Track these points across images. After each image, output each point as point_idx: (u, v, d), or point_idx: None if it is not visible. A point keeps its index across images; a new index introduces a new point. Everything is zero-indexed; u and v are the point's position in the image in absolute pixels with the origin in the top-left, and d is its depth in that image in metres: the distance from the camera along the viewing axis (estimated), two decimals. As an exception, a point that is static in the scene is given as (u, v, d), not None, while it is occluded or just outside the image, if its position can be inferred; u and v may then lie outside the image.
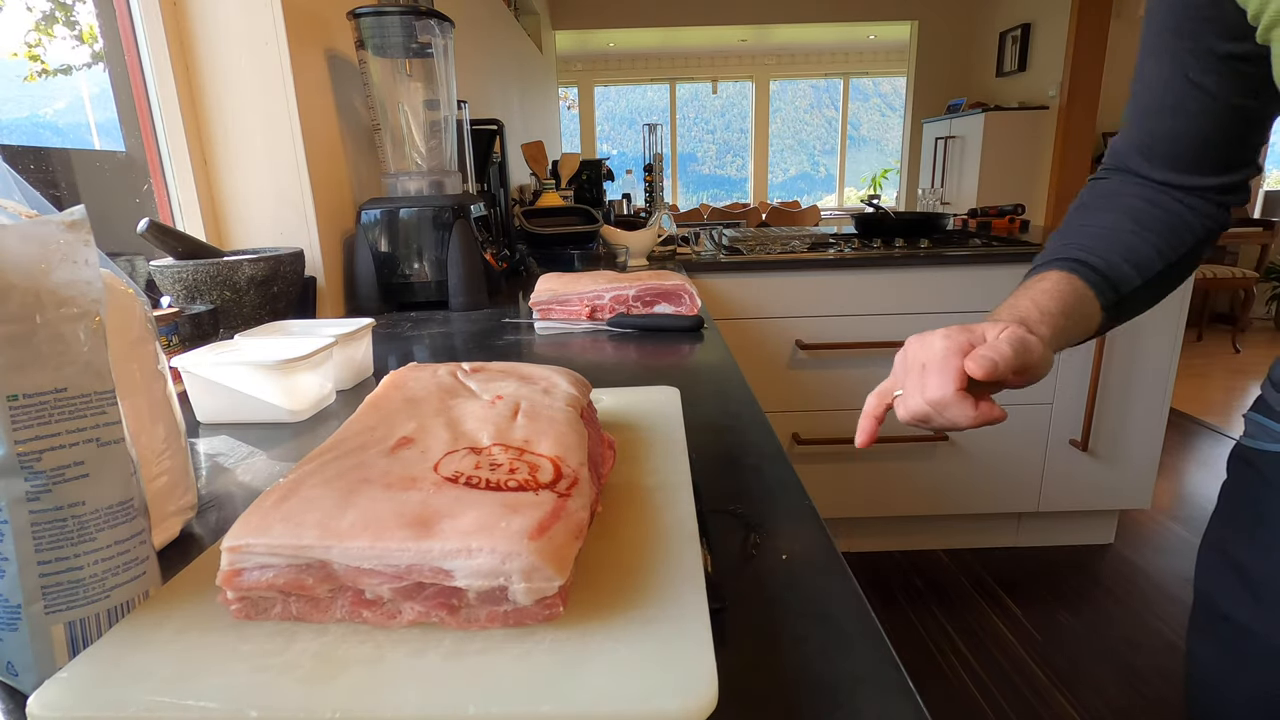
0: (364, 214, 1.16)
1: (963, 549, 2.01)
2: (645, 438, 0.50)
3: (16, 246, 0.30)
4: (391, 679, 0.27)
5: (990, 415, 0.45)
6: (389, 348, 0.95)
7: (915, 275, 1.73)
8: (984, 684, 1.50)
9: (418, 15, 1.15)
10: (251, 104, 1.05)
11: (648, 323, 1.00)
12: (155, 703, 0.26)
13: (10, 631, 0.30)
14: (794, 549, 0.40)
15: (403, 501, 0.32)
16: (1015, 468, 1.87)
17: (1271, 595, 0.51)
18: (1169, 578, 1.86)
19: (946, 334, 0.46)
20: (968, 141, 4.57)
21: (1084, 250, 0.54)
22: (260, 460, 0.58)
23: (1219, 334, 4.34)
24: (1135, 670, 1.53)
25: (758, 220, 6.20)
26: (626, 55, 8.21)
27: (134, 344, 0.40)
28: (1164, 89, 0.52)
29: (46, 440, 0.30)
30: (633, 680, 0.26)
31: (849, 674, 0.31)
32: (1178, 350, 1.78)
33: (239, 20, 1.01)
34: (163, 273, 0.88)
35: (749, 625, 0.34)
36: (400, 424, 0.40)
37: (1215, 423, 2.96)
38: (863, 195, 8.48)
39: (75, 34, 0.97)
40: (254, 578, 0.30)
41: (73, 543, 0.31)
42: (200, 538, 0.45)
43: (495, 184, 1.84)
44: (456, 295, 1.19)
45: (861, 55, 8.36)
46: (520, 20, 3.57)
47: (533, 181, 2.54)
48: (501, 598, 0.29)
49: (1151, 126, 0.55)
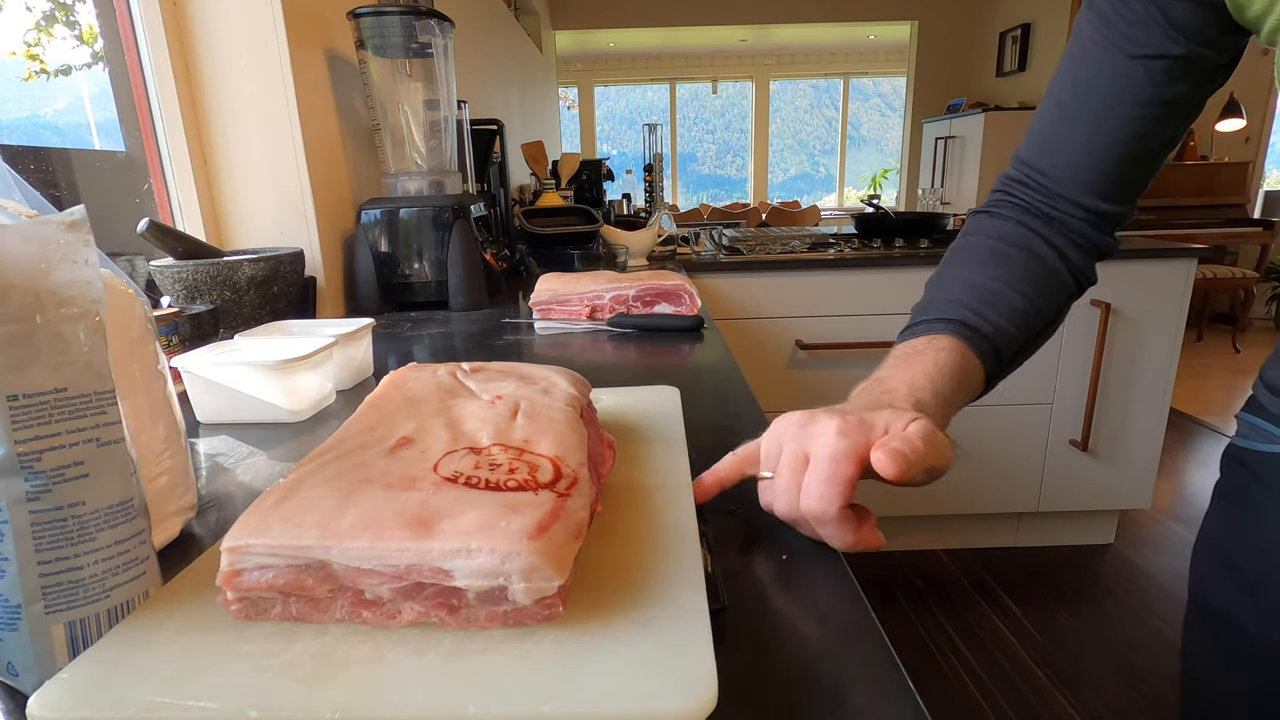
0: (364, 214, 1.16)
1: (963, 549, 2.01)
2: (645, 438, 0.50)
3: (16, 246, 0.30)
4: (391, 679, 0.27)
5: (870, 542, 0.38)
6: (389, 348, 0.95)
7: (915, 275, 1.73)
8: (984, 684, 1.50)
9: (418, 15, 1.15)
10: (251, 104, 1.05)
11: (648, 323, 1.00)
12: (155, 703, 0.26)
13: (10, 631, 0.30)
14: (794, 549, 0.40)
15: (403, 501, 0.32)
16: (1015, 468, 1.87)
17: (1265, 593, 0.51)
18: (1169, 578, 1.86)
19: (842, 429, 0.38)
20: (968, 141, 4.57)
21: (978, 316, 0.50)
22: (260, 460, 0.58)
23: (1219, 334, 4.34)
24: (1135, 670, 1.53)
25: (758, 220, 6.20)
26: (626, 55, 8.22)
27: (134, 344, 0.40)
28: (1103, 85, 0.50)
29: (46, 440, 0.30)
30: (633, 680, 0.26)
31: (849, 674, 0.30)
32: (1178, 350, 1.78)
33: (239, 20, 1.01)
34: (163, 273, 0.88)
35: (749, 625, 0.34)
36: (400, 424, 0.40)
37: (1215, 423, 2.96)
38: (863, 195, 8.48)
39: (75, 34, 0.97)
40: (254, 578, 0.30)
41: (73, 543, 0.31)
42: (200, 538, 0.45)
43: (495, 184, 1.84)
44: (456, 295, 1.19)
45: (861, 55, 8.36)
46: (520, 20, 3.57)
47: (533, 181, 2.54)
48: (501, 598, 0.29)
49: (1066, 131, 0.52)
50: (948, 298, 0.52)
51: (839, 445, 0.37)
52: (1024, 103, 4.52)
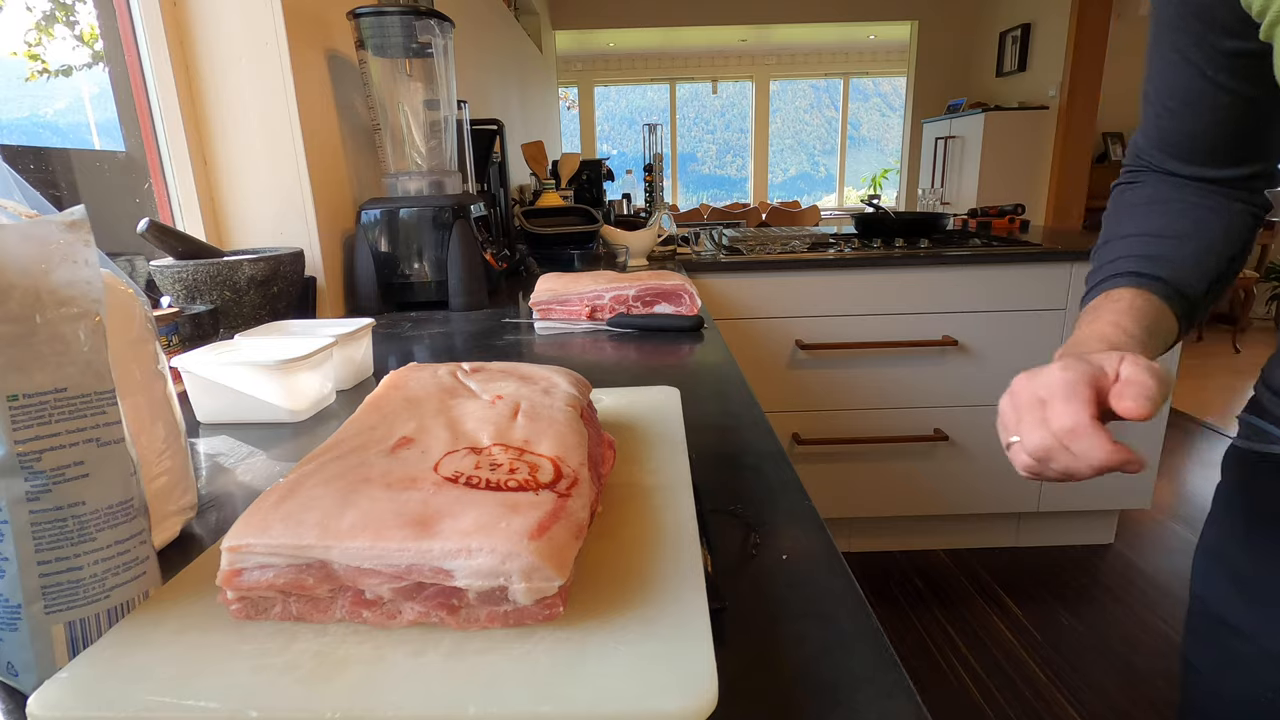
0: (364, 214, 1.16)
1: (963, 549, 2.01)
2: (645, 438, 0.50)
3: (16, 246, 0.30)
4: (391, 679, 0.27)
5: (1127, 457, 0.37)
6: (389, 348, 0.95)
7: (915, 275, 1.73)
8: (984, 684, 1.50)
9: (418, 15, 1.15)
10: (251, 104, 1.05)
11: (648, 323, 1.00)
12: (155, 703, 0.26)
13: (10, 631, 0.30)
14: (794, 549, 0.40)
15: (403, 501, 0.32)
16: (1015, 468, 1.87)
17: (1266, 598, 0.51)
18: (1169, 578, 1.86)
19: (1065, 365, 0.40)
20: (968, 141, 4.57)
21: (1148, 261, 0.51)
22: (260, 460, 0.58)
23: (1219, 334, 4.34)
24: (1135, 670, 1.53)
25: (758, 220, 6.20)
26: (626, 55, 8.21)
27: (134, 344, 0.40)
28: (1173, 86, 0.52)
29: (46, 440, 0.30)
30: (633, 680, 0.26)
31: (849, 674, 0.30)
32: (1178, 350, 1.78)
33: (239, 20, 1.01)
34: (163, 273, 0.88)
35: (749, 625, 0.34)
36: (400, 424, 0.40)
37: (1215, 423, 2.96)
38: (863, 195, 8.48)
39: (75, 34, 0.97)
40: (254, 578, 0.30)
41: (73, 543, 0.31)
42: (200, 538, 0.45)
43: (495, 184, 1.84)
44: (456, 295, 1.19)
45: (861, 55, 8.36)
46: (520, 20, 3.57)
47: (533, 181, 2.54)
48: (501, 598, 0.29)
49: (1166, 124, 0.54)
50: (1113, 256, 0.54)
51: (1068, 375, 0.39)
52: (1024, 103, 4.52)
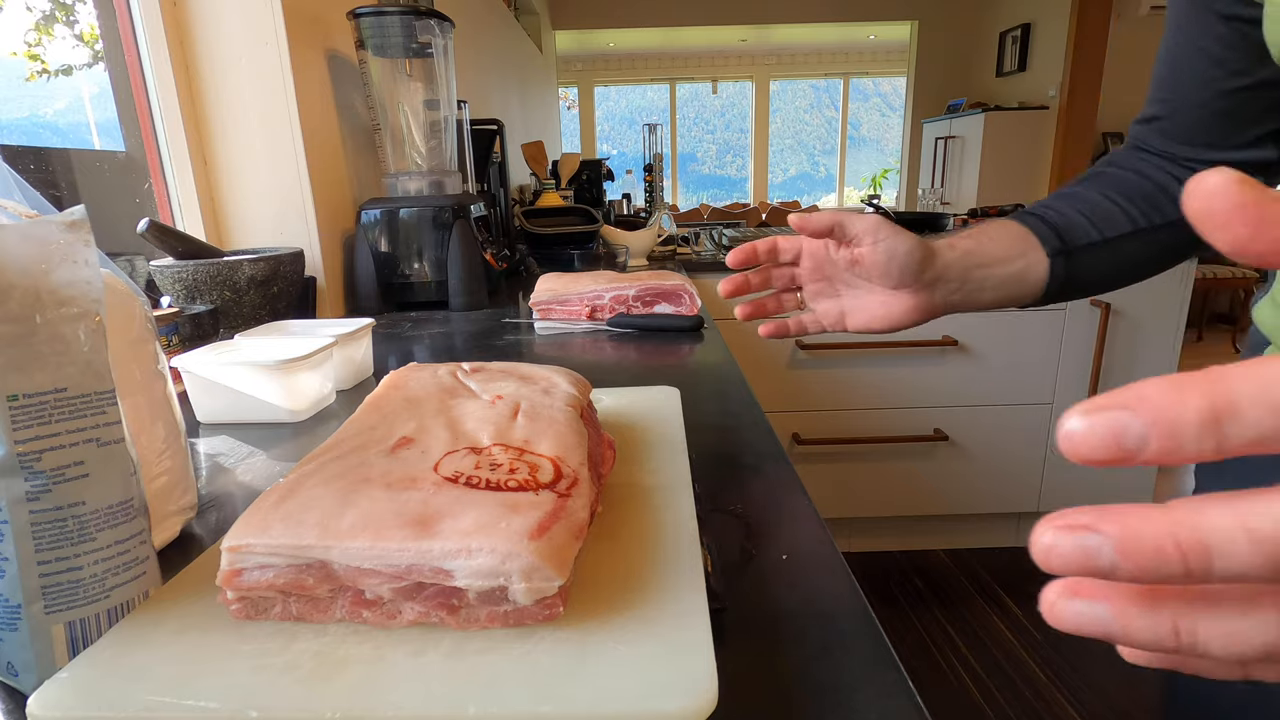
0: (364, 214, 1.16)
1: (963, 549, 2.01)
2: (645, 438, 0.50)
3: (16, 246, 0.30)
4: (391, 679, 0.27)
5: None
6: (389, 348, 0.95)
7: (915, 275, 1.73)
8: (984, 684, 1.50)
9: (418, 15, 1.15)
10: (251, 104, 1.05)
11: (648, 323, 1.00)
12: (155, 703, 0.26)
13: (10, 631, 0.30)
14: (794, 549, 0.40)
15: (403, 501, 0.32)
16: (1015, 468, 1.87)
17: None
18: (1169, 578, 1.86)
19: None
20: (968, 141, 4.58)
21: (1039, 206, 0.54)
22: (260, 460, 0.58)
23: (1219, 334, 4.34)
24: (1135, 670, 1.52)
25: (758, 220, 6.21)
26: (626, 55, 8.22)
27: (134, 344, 0.40)
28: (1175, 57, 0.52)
29: (46, 440, 0.30)
30: (633, 680, 0.26)
31: (849, 674, 0.30)
32: (1178, 350, 1.78)
33: (239, 20, 1.01)
34: (163, 273, 0.88)
35: (749, 625, 0.34)
36: (400, 424, 0.40)
37: (1215, 423, 2.96)
38: (863, 195, 8.48)
39: (75, 34, 0.98)
40: (254, 578, 0.30)
41: (73, 543, 0.31)
42: (200, 538, 0.45)
43: (495, 184, 1.84)
44: (456, 295, 1.19)
45: (861, 55, 8.36)
46: (520, 20, 3.57)
47: (533, 181, 2.54)
48: (501, 598, 0.29)
49: (1163, 95, 0.54)
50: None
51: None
52: (1024, 103, 4.52)
